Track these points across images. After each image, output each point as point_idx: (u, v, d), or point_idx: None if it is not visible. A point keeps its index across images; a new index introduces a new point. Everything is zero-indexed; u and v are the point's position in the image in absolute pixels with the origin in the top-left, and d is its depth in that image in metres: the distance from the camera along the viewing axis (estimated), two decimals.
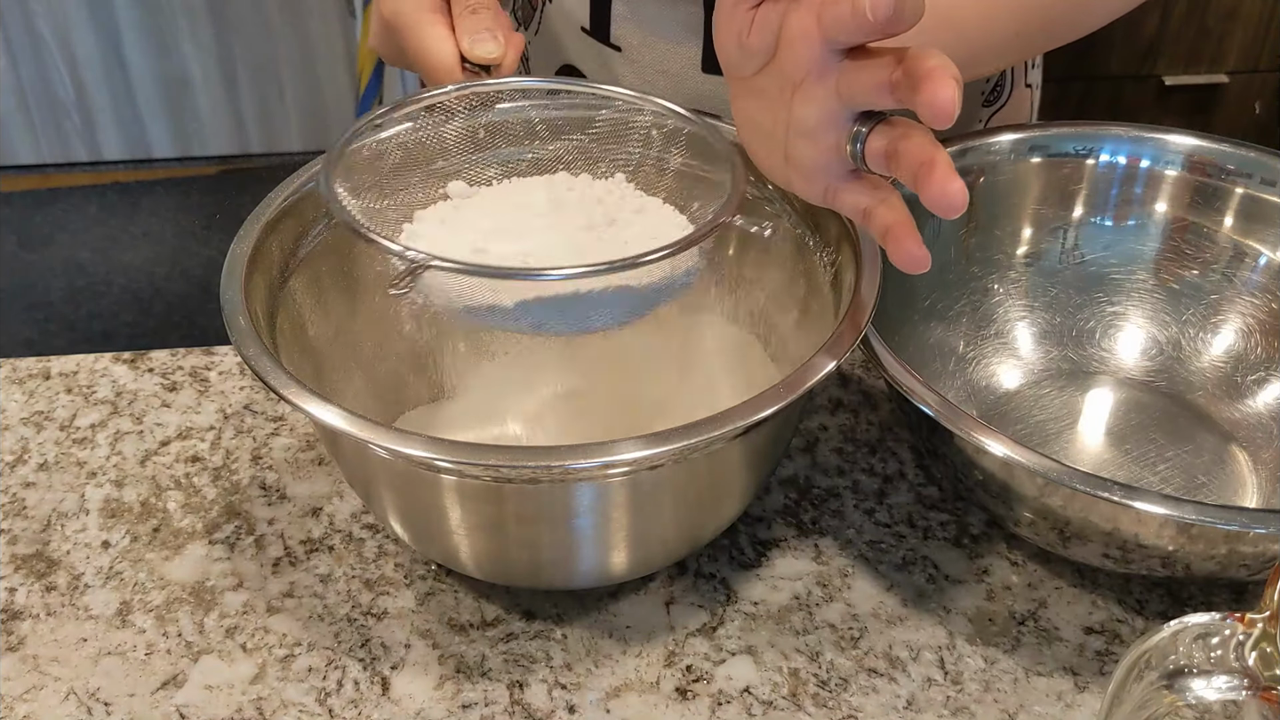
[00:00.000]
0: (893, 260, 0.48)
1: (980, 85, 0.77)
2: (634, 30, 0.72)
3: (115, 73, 2.28)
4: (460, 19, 0.58)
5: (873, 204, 0.48)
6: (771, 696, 0.54)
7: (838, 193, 0.50)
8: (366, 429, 0.47)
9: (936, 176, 0.43)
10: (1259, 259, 0.68)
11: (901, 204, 0.48)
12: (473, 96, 0.58)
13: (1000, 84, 0.78)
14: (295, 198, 0.58)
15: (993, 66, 0.70)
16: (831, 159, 0.48)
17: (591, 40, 0.74)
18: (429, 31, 0.58)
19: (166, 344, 0.75)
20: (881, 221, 0.48)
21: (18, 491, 0.64)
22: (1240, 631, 0.38)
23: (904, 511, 0.63)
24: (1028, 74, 0.80)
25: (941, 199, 0.43)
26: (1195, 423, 0.67)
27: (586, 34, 0.74)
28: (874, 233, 0.49)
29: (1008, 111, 0.79)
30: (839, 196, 0.50)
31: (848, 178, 0.49)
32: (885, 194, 0.48)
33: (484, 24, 0.58)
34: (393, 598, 0.58)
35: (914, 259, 0.47)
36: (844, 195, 0.49)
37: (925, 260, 0.47)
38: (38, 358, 0.72)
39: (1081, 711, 0.54)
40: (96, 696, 0.54)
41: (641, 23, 0.72)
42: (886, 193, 0.48)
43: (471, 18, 0.58)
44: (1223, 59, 1.80)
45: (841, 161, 0.48)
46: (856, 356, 0.70)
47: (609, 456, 0.46)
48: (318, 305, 0.59)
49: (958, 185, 0.43)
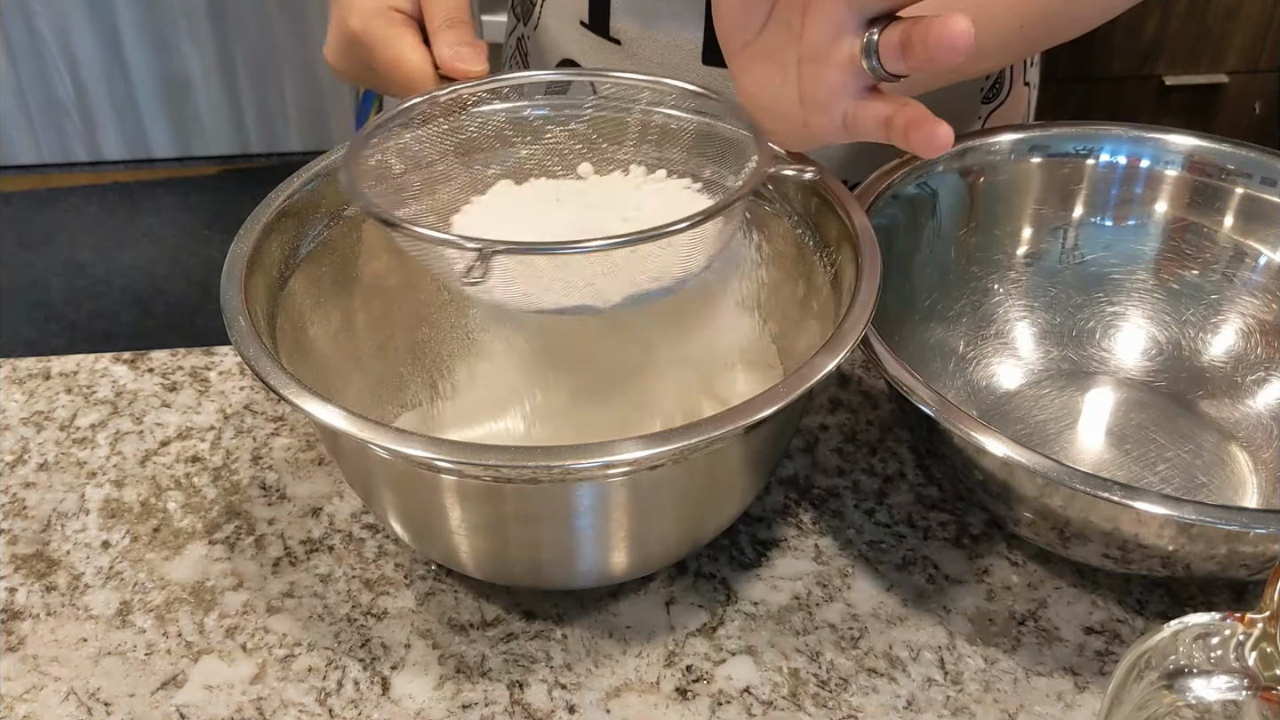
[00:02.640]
0: (920, 150, 0.49)
1: (979, 82, 0.78)
2: (633, 23, 0.72)
3: (115, 73, 2.28)
4: (437, 33, 0.58)
5: (892, 111, 0.50)
6: (771, 696, 0.54)
7: (857, 113, 0.51)
8: (366, 429, 0.47)
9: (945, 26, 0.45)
10: (1259, 259, 0.68)
11: (918, 104, 0.49)
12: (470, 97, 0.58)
13: (999, 82, 0.78)
14: (295, 198, 0.58)
15: (995, 61, 0.70)
16: (847, 77, 0.50)
17: (591, 34, 0.74)
18: (404, 43, 0.58)
19: (166, 344, 0.75)
20: (903, 120, 0.49)
21: (18, 491, 0.64)
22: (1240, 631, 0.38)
23: (904, 511, 0.63)
24: (1026, 72, 0.81)
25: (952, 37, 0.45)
26: (1195, 423, 0.67)
27: (586, 28, 0.74)
28: (897, 135, 0.50)
29: (1006, 109, 0.80)
30: (859, 115, 0.51)
31: (864, 95, 0.51)
32: (901, 100, 0.50)
33: (464, 38, 0.58)
34: (393, 598, 0.58)
35: (939, 136, 0.48)
36: (863, 112, 0.51)
37: (949, 135, 0.48)
38: (38, 358, 0.72)
39: (1081, 711, 0.54)
40: (96, 696, 0.54)
41: (641, 15, 0.72)
42: (902, 99, 0.50)
43: (449, 32, 0.58)
44: (1223, 59, 1.80)
45: (857, 76, 0.50)
46: (856, 356, 0.70)
47: (609, 456, 0.46)
48: (318, 305, 0.59)
49: (964, 26, 0.45)
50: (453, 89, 0.57)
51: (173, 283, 2.12)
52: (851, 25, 0.49)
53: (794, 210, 0.61)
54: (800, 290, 0.61)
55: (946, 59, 0.45)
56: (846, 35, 0.49)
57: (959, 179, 0.69)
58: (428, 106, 0.57)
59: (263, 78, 2.33)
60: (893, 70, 0.49)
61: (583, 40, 0.75)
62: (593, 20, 0.74)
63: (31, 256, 2.17)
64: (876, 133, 0.51)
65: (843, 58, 0.49)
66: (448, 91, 0.57)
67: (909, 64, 0.47)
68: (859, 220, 0.57)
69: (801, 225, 0.61)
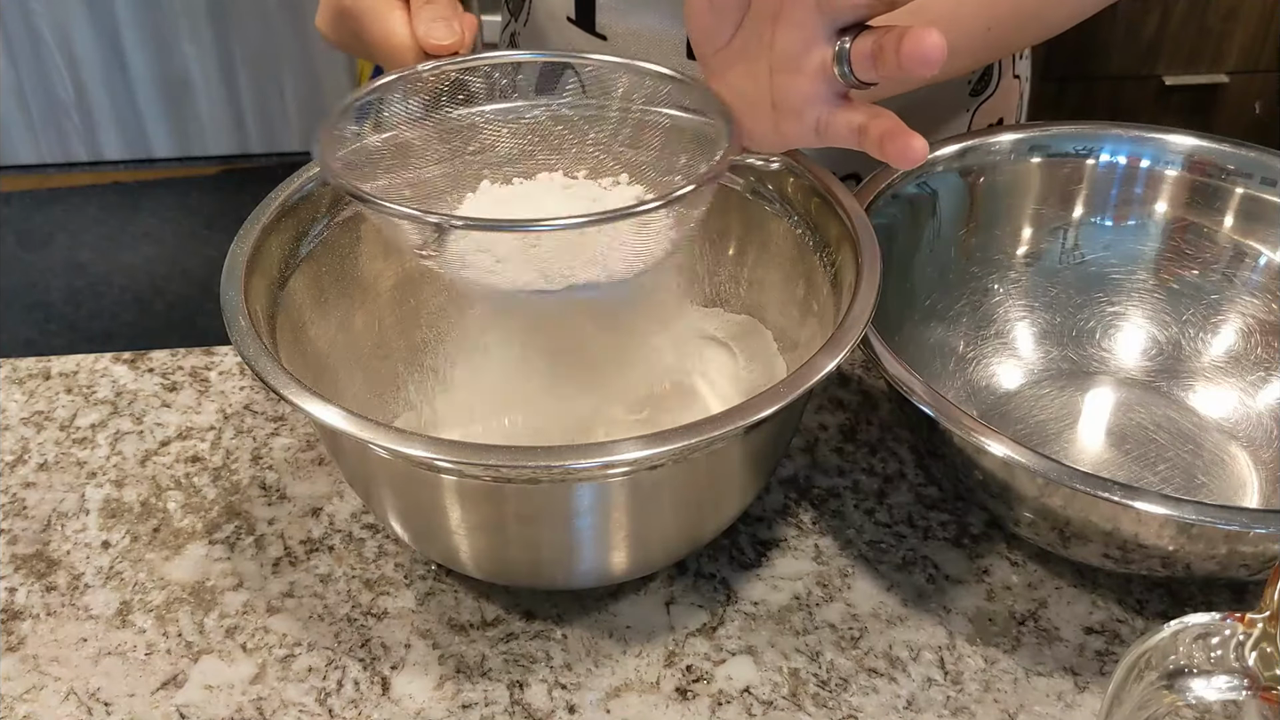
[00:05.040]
0: (894, 162, 0.49)
1: (966, 74, 0.78)
2: (618, 18, 0.73)
3: (115, 73, 2.28)
4: (417, 9, 0.59)
5: (866, 119, 0.50)
6: (771, 696, 0.54)
7: (830, 120, 0.51)
8: (366, 429, 0.47)
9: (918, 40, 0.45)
10: (1259, 259, 0.68)
11: (892, 114, 0.49)
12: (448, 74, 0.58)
13: (987, 74, 0.78)
14: (295, 198, 0.58)
15: (967, 63, 0.70)
16: (819, 85, 0.50)
17: (577, 30, 0.75)
18: (390, 16, 0.59)
19: (166, 344, 0.75)
20: (877, 131, 0.49)
21: (18, 491, 0.64)
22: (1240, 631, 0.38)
23: (904, 511, 0.63)
24: (1015, 65, 0.81)
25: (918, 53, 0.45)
26: (1195, 423, 0.67)
27: (572, 24, 0.75)
28: (871, 145, 0.50)
29: (995, 101, 0.80)
30: (832, 122, 0.51)
31: (836, 102, 0.50)
32: (875, 110, 0.50)
33: (439, 12, 0.58)
34: (393, 598, 0.58)
35: (914, 149, 0.48)
36: (837, 119, 0.51)
37: (924, 148, 0.48)
38: (38, 358, 0.72)
39: (1081, 711, 0.54)
40: (96, 696, 0.54)
41: (625, 11, 0.73)
42: (876, 109, 0.50)
43: (427, 6, 0.58)
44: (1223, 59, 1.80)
45: (829, 84, 0.50)
46: (856, 356, 0.70)
47: (609, 456, 0.46)
48: (318, 305, 0.59)
49: (936, 39, 0.45)
50: (435, 65, 0.57)
51: (173, 283, 2.12)
52: (823, 34, 0.48)
53: (794, 210, 0.61)
54: (800, 290, 0.61)
55: (918, 71, 0.45)
56: (818, 44, 0.49)
57: (959, 179, 0.69)
58: (406, 83, 0.57)
59: (263, 78, 2.33)
60: (864, 79, 0.49)
61: (570, 36, 0.76)
62: (579, 16, 0.74)
63: (31, 256, 2.17)
64: (849, 140, 0.51)
65: (814, 66, 0.49)
66: (430, 68, 0.57)
67: (880, 73, 0.47)
68: (859, 220, 0.57)
69: (801, 225, 0.61)
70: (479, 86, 0.59)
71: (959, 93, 0.78)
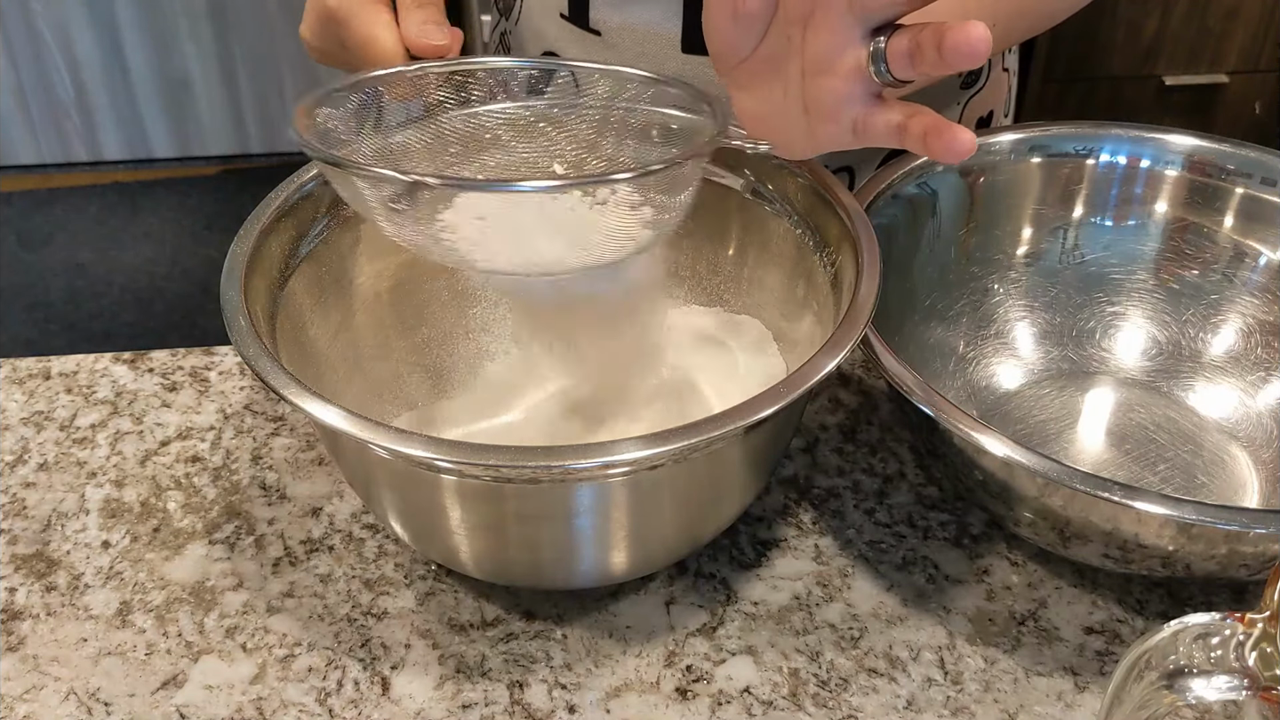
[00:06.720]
0: (941, 157, 0.48)
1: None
2: (613, 14, 0.73)
3: (115, 73, 2.28)
4: (407, 12, 0.59)
5: (904, 117, 0.49)
6: (771, 696, 0.54)
7: (867, 120, 0.50)
8: (366, 429, 0.47)
9: (964, 33, 0.45)
10: (1259, 259, 0.68)
11: (930, 110, 0.49)
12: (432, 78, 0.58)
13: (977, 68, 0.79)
14: (295, 198, 0.58)
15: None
16: (854, 86, 0.49)
17: (571, 26, 0.75)
18: (376, 19, 0.59)
19: (166, 344, 0.75)
20: (919, 127, 0.49)
21: (18, 491, 0.64)
22: (1240, 631, 0.38)
23: (904, 511, 0.63)
24: (1004, 59, 0.82)
25: (966, 46, 0.44)
26: (1195, 423, 0.67)
27: (566, 20, 0.75)
28: (913, 142, 0.49)
29: (985, 94, 0.80)
30: (869, 122, 0.50)
31: (871, 102, 0.50)
32: (913, 107, 0.49)
33: (430, 16, 0.58)
34: (393, 598, 0.58)
35: (961, 142, 0.47)
36: (874, 119, 0.50)
37: (972, 141, 0.47)
38: (38, 358, 0.72)
39: (1081, 711, 0.54)
40: (96, 696, 0.54)
41: (620, 6, 0.72)
42: (913, 106, 0.49)
43: (418, 11, 0.58)
44: (1223, 59, 1.80)
45: (864, 84, 0.49)
46: (856, 356, 0.70)
47: (609, 456, 0.46)
48: (318, 305, 0.59)
49: (981, 31, 0.44)
50: (420, 66, 0.57)
51: (173, 283, 2.12)
52: (856, 34, 0.48)
53: (794, 210, 0.61)
54: (800, 290, 0.61)
55: (964, 65, 0.45)
56: (851, 44, 0.48)
57: (959, 179, 0.69)
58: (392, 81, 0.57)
59: (263, 78, 2.33)
60: (902, 77, 0.48)
61: (563, 32, 0.76)
62: (572, 12, 0.74)
63: (31, 256, 2.17)
64: (889, 139, 0.50)
65: (848, 67, 0.49)
66: (415, 69, 0.57)
67: (918, 69, 0.47)
68: (859, 220, 0.57)
69: (801, 225, 0.61)
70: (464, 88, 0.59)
71: (950, 86, 0.78)
